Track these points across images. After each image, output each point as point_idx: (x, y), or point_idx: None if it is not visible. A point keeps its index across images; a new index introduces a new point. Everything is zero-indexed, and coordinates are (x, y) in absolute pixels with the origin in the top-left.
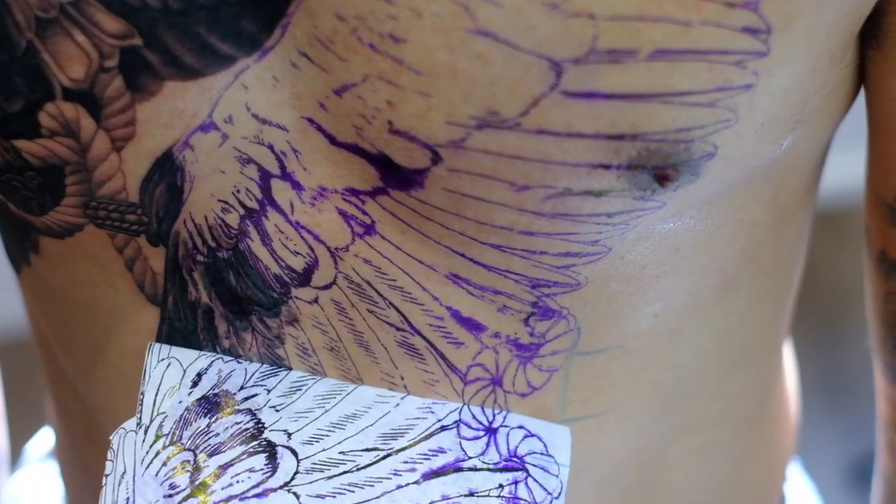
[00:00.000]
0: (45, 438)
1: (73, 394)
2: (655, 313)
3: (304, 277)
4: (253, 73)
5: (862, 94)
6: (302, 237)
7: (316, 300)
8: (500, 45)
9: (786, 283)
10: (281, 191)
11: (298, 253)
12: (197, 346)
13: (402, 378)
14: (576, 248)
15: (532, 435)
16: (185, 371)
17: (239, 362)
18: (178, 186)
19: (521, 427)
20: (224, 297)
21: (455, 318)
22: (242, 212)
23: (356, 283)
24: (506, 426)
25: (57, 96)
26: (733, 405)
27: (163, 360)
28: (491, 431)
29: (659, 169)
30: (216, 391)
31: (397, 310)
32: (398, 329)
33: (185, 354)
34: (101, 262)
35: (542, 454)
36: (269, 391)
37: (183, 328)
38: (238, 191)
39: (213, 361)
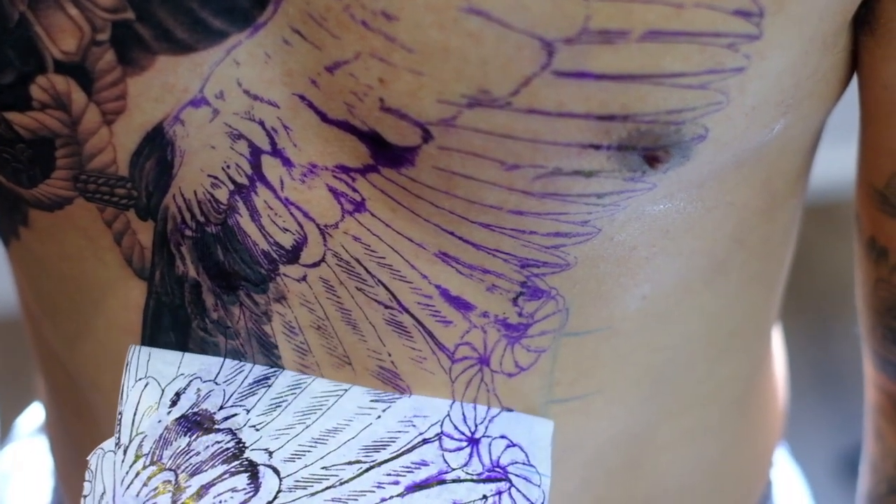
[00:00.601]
0: (35, 414)
1: (60, 369)
2: (644, 295)
3: (293, 254)
4: (245, 49)
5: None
6: (291, 214)
7: (304, 278)
8: (493, 24)
9: (776, 268)
10: (271, 167)
11: (287, 230)
12: (185, 319)
13: (390, 355)
14: (565, 229)
15: (514, 445)
16: (163, 391)
17: (216, 383)
18: (167, 161)
19: (502, 437)
20: (212, 271)
21: (444, 296)
22: (232, 187)
23: (345, 260)
24: (488, 437)
25: (48, 69)
26: (722, 388)
27: (140, 379)
28: (473, 442)
29: (649, 150)
30: (195, 410)
31: (386, 288)
32: (386, 307)
33: (164, 374)
34: (89, 236)
35: (524, 464)
36: (248, 411)
37: (170, 302)
38: (228, 166)
39: (191, 381)
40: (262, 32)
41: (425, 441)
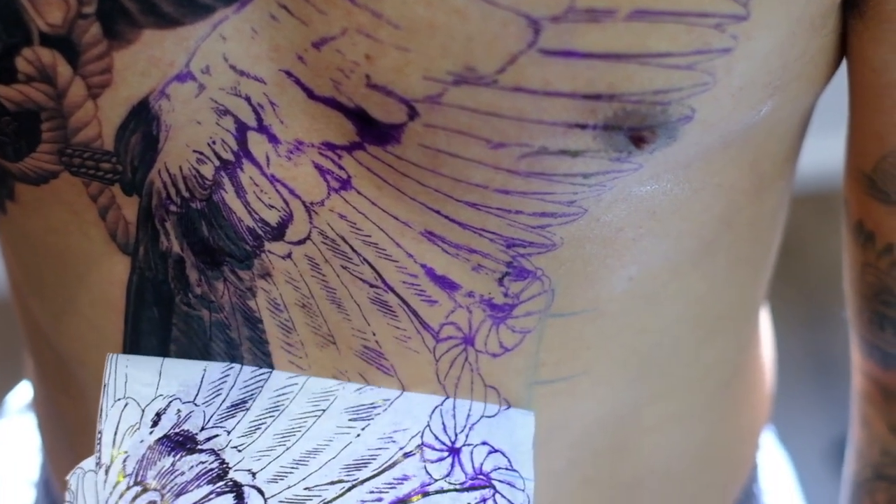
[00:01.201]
0: (24, 392)
1: (47, 346)
2: (631, 276)
3: (278, 231)
4: (231, 24)
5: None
6: (277, 190)
7: (289, 255)
8: (479, 1)
9: (764, 251)
10: (257, 143)
11: (273, 206)
12: (168, 294)
13: (374, 334)
14: (551, 208)
15: (496, 450)
16: (143, 411)
17: (196, 405)
18: (153, 136)
19: (484, 443)
20: (196, 247)
21: (429, 275)
22: (217, 163)
23: (330, 238)
24: (469, 444)
25: (34, 42)
26: (709, 371)
27: (119, 399)
28: (454, 451)
29: (635, 130)
30: (177, 430)
31: (371, 266)
32: (371, 286)
33: (142, 394)
34: (75, 210)
35: (507, 469)
36: (228, 432)
37: (153, 278)
38: (214, 142)
39: (170, 402)
40: (248, 7)
41: (406, 455)
